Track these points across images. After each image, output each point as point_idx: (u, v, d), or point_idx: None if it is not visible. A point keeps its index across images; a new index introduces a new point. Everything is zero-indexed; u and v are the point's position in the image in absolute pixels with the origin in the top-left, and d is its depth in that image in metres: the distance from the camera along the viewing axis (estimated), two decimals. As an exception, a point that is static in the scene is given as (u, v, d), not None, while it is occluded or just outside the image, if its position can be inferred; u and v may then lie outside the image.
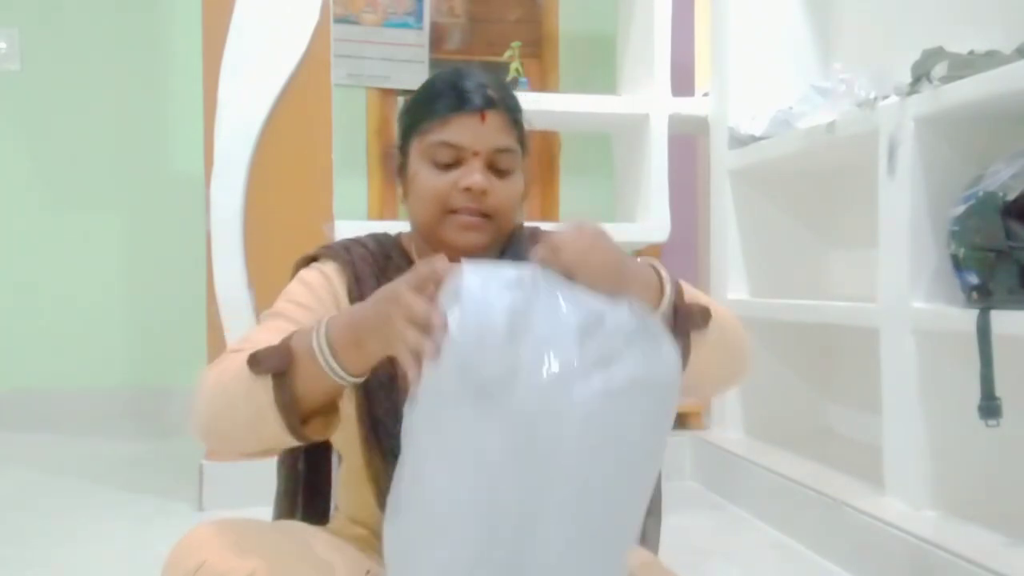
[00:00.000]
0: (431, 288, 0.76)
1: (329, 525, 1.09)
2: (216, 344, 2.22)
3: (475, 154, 1.00)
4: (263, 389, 0.84)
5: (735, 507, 2.25)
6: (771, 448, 2.31)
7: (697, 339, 0.93)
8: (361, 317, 0.83)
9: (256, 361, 0.84)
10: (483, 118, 1.00)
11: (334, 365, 0.83)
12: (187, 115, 2.94)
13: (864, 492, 1.84)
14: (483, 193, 1.00)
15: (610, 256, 0.83)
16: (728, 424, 2.49)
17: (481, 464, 0.73)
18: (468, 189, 0.99)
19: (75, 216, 3.42)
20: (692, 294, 0.98)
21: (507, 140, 1.02)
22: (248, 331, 0.99)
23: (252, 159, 2.24)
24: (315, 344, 0.83)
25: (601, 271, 0.80)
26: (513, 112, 1.04)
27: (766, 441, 2.38)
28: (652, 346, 0.77)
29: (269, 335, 0.91)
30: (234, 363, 0.87)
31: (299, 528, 0.98)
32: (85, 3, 3.43)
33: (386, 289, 0.81)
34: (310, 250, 1.10)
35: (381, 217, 3.39)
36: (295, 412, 0.85)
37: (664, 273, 0.93)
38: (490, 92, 1.02)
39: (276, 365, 0.84)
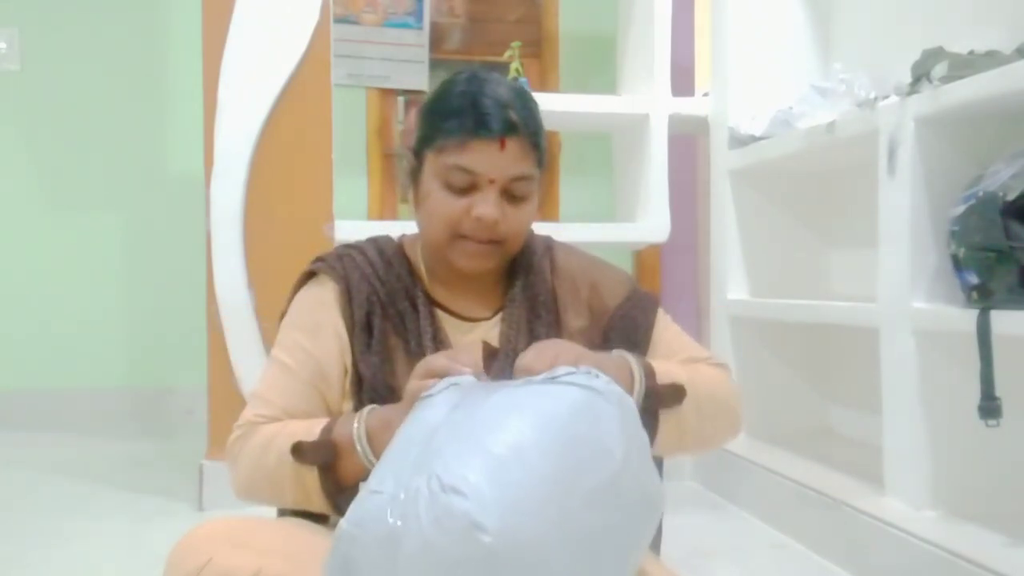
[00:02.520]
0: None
1: (332, 521, 1.09)
2: (216, 344, 2.22)
3: (491, 182, 0.98)
4: (309, 477, 0.95)
5: (735, 507, 2.25)
6: (771, 448, 2.31)
7: (668, 416, 0.98)
8: (394, 413, 0.91)
9: (301, 452, 0.94)
10: (502, 145, 0.97)
11: (372, 459, 0.91)
12: (187, 115, 2.94)
13: (864, 492, 1.84)
14: (495, 223, 0.99)
15: (576, 362, 0.88)
16: (728, 424, 2.48)
17: None
18: (480, 219, 0.99)
19: (75, 216, 3.43)
20: (668, 372, 1.00)
21: (525, 167, 1.00)
22: (262, 381, 1.06)
23: (252, 159, 2.24)
24: (356, 440, 0.93)
25: None
26: (534, 136, 1.00)
27: (766, 441, 2.38)
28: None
29: (286, 396, 1.03)
30: (274, 443, 0.97)
31: (303, 525, 0.98)
32: (85, 3, 3.43)
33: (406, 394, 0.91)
34: (310, 262, 1.11)
35: (381, 217, 3.39)
36: (340, 494, 0.94)
37: (633, 361, 0.97)
38: (511, 115, 0.98)
39: (323, 459, 0.94)
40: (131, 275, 3.46)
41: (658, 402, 0.96)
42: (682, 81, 2.84)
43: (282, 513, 1.08)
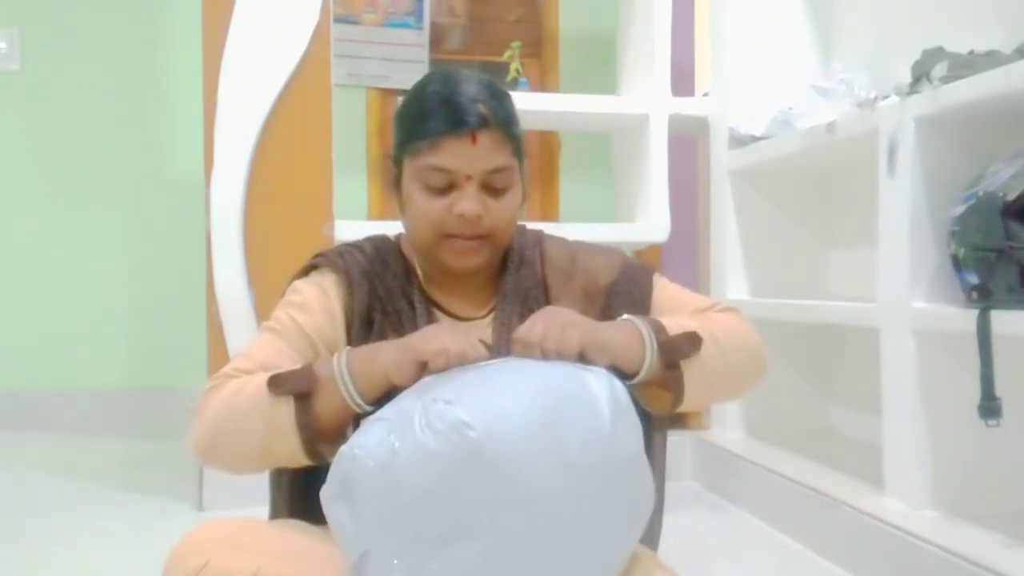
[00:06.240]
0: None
1: (328, 524, 1.09)
2: (216, 344, 2.22)
3: (468, 178, 0.99)
4: (284, 409, 0.91)
5: (735, 507, 2.25)
6: (771, 448, 2.31)
7: (691, 364, 0.96)
8: (380, 353, 0.92)
9: (277, 382, 0.92)
10: (473, 140, 0.97)
11: (352, 391, 0.91)
12: (187, 115, 2.94)
13: (864, 492, 1.84)
14: (478, 218, 1.00)
15: (578, 333, 0.91)
16: (728, 424, 2.49)
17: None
18: (462, 215, 0.99)
19: (75, 216, 3.42)
20: (678, 324, 0.99)
21: (501, 159, 1.00)
22: (248, 346, 1.05)
23: (252, 159, 2.24)
24: (336, 370, 0.92)
25: (574, 349, 0.89)
26: (507, 127, 1.01)
27: (766, 441, 2.38)
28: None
29: (269, 354, 1.01)
30: (249, 384, 0.94)
31: (300, 527, 0.98)
32: (85, 3, 3.43)
33: (407, 339, 0.93)
34: (309, 258, 1.12)
35: (381, 217, 3.39)
36: (314, 431, 0.91)
37: (640, 322, 0.96)
38: (482, 109, 0.98)
39: (300, 387, 0.91)
40: (131, 275, 3.46)
41: (676, 353, 0.95)
42: (682, 81, 2.84)
43: (276, 515, 1.08)
